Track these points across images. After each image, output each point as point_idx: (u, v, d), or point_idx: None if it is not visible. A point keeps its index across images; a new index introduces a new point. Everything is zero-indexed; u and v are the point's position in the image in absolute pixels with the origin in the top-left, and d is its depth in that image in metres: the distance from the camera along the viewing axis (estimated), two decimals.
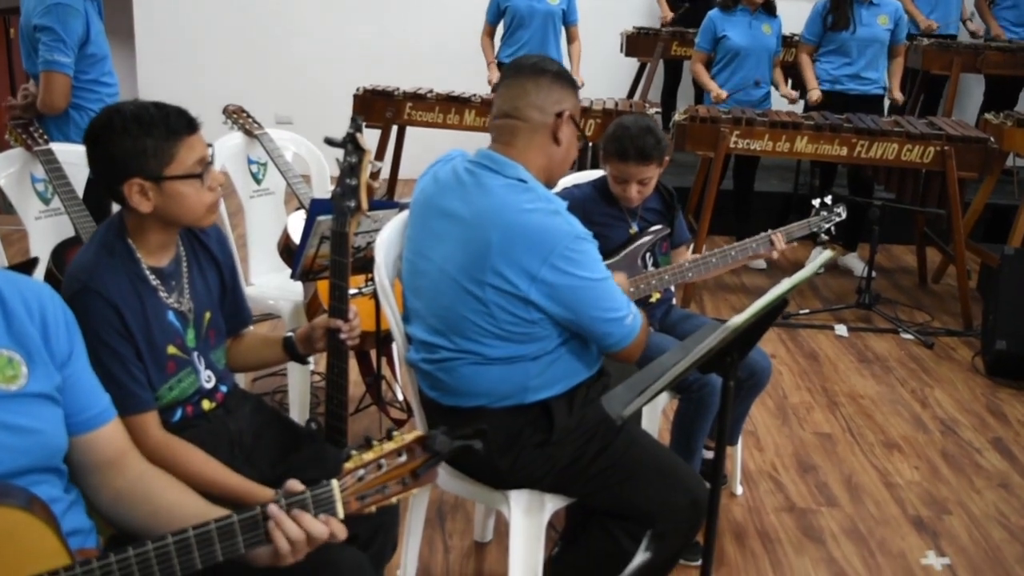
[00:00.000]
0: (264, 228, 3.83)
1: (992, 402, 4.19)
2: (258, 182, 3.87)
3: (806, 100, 5.70)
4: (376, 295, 2.75)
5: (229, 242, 2.30)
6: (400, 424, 3.50)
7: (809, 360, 4.55)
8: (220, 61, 7.62)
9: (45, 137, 3.27)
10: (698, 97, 6.86)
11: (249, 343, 2.38)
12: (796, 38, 6.03)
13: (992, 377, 4.42)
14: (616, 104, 5.18)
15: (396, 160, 5.95)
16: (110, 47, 3.93)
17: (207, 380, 2.13)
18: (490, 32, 6.00)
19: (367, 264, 2.85)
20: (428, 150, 3.39)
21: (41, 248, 3.23)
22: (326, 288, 3.28)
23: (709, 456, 3.36)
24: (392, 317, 2.47)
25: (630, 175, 2.93)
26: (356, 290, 3.08)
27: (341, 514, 1.58)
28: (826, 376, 4.38)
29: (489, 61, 6.00)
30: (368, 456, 1.60)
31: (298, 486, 1.59)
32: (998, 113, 5.26)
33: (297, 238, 3.21)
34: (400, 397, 3.79)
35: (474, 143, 2.41)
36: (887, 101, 5.82)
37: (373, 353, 3.45)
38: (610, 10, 7.46)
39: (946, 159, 4.81)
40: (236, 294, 2.29)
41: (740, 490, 3.38)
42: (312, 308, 3.42)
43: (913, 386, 4.32)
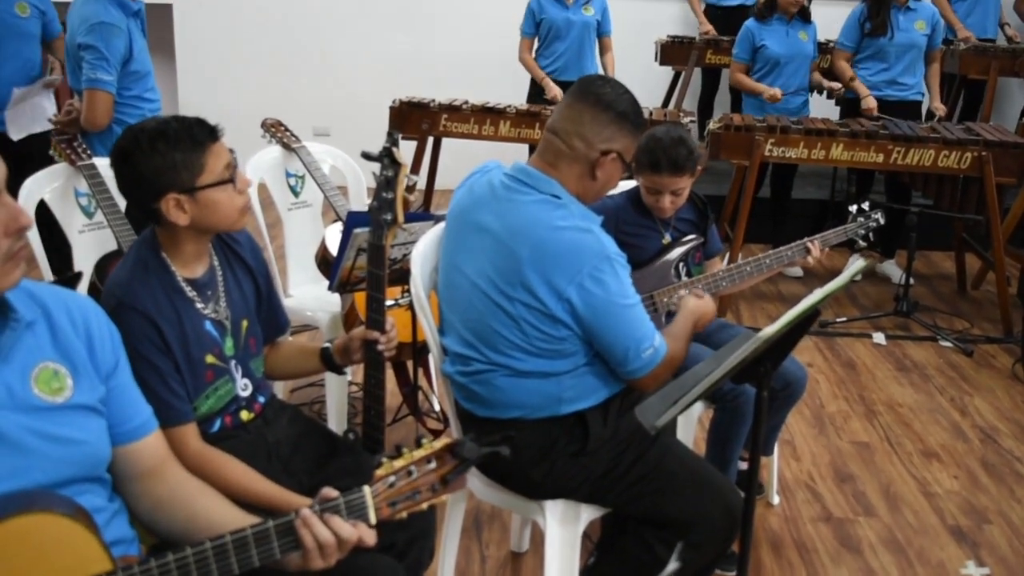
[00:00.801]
0: (302, 240, 3.88)
1: None
2: (296, 195, 3.92)
3: (844, 104, 5.68)
4: (412, 306, 2.79)
5: (261, 250, 2.33)
6: (437, 435, 3.53)
7: (846, 368, 4.53)
8: (259, 75, 7.71)
9: (88, 152, 3.34)
10: (735, 105, 6.85)
11: (286, 352, 2.42)
12: (831, 44, 6.00)
13: None
14: (651, 113, 5.18)
15: (432, 171, 6.00)
16: (153, 63, 4.01)
17: (243, 388, 2.16)
18: (529, 46, 5.99)
19: (403, 276, 2.89)
20: (464, 161, 3.43)
21: (84, 261, 3.29)
22: (363, 299, 3.33)
23: (744, 467, 3.37)
24: (428, 329, 2.50)
25: (663, 186, 2.94)
26: (392, 301, 3.12)
27: (373, 520, 1.60)
28: (863, 384, 4.35)
29: (541, 78, 5.95)
30: (399, 463, 1.62)
31: (332, 493, 1.62)
32: None
33: (334, 250, 3.25)
34: (436, 408, 3.82)
35: (509, 154, 2.44)
36: (925, 107, 5.79)
37: (409, 364, 3.49)
38: (645, 19, 7.47)
39: (983, 165, 4.77)
40: (272, 301, 2.33)
41: (777, 500, 3.38)
42: (349, 319, 3.46)
43: (952, 394, 4.28)
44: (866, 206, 3.37)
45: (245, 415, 2.17)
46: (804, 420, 3.99)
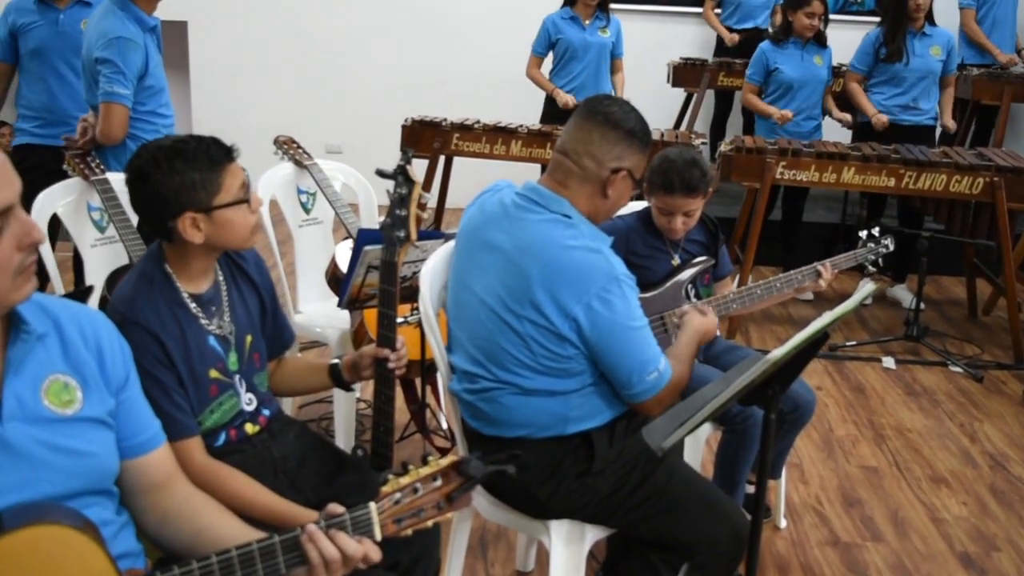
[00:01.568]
0: (312, 257, 3.89)
1: None
2: (307, 212, 3.94)
3: (856, 128, 5.69)
4: (421, 324, 2.79)
5: (267, 266, 2.34)
6: (444, 453, 3.52)
7: (856, 393, 4.51)
8: (272, 92, 7.77)
9: (102, 167, 3.36)
10: (747, 128, 6.87)
11: (294, 368, 2.43)
12: (844, 68, 6.01)
13: None
14: (662, 135, 5.20)
15: (443, 190, 6.02)
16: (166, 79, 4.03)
17: (248, 403, 2.17)
18: (537, 64, 6.02)
19: (413, 293, 2.89)
20: (475, 180, 3.44)
21: (96, 275, 3.31)
22: (372, 316, 3.34)
23: (752, 491, 3.36)
24: (436, 346, 2.51)
25: (675, 207, 2.94)
26: (402, 319, 3.13)
27: (379, 536, 1.61)
28: (873, 409, 4.34)
29: (551, 89, 5.97)
30: (404, 480, 1.63)
31: (338, 508, 1.63)
32: None
33: (344, 267, 3.26)
34: (444, 426, 3.82)
35: (521, 173, 2.46)
36: (939, 131, 5.79)
37: (418, 382, 3.49)
38: (659, 40, 7.51)
39: (995, 190, 4.77)
40: (277, 316, 2.34)
41: (784, 523, 3.36)
42: (358, 336, 3.46)
43: (962, 420, 4.27)
44: (876, 231, 3.37)
45: (250, 428, 2.18)
46: (813, 444, 3.98)
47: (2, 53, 4.41)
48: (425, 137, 5.36)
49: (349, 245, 3.47)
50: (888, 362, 4.86)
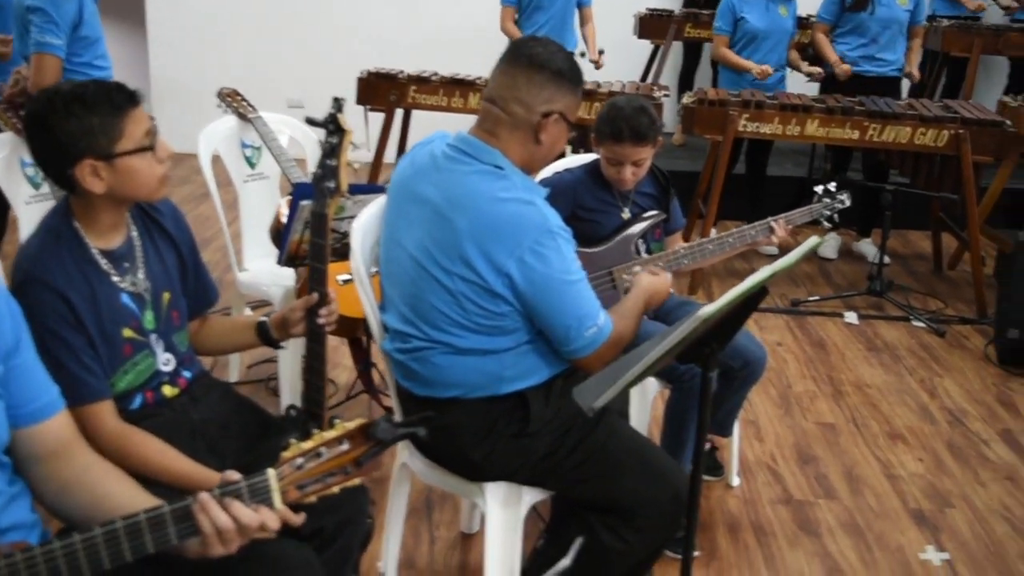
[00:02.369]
0: (258, 213, 3.78)
1: (1003, 392, 4.09)
2: (252, 166, 3.82)
3: (824, 80, 5.59)
4: None
5: (185, 219, 2.24)
6: (392, 412, 3.45)
7: (816, 348, 4.46)
8: (232, 46, 7.57)
9: None
10: (716, 80, 6.75)
11: (220, 327, 2.34)
12: (811, 19, 5.91)
13: (1004, 366, 4.31)
14: (623, 87, 5.09)
15: (402, 145, 5.88)
16: (121, 32, 3.89)
17: (165, 363, 2.08)
18: (511, 15, 5.85)
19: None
20: None
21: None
22: None
23: (705, 448, 3.30)
24: (368, 305, 2.42)
25: (625, 156, 2.85)
26: (348, 276, 3.04)
27: (278, 504, 1.53)
28: (833, 365, 4.29)
29: None
30: (307, 444, 1.55)
31: (234, 476, 1.55)
32: (1016, 96, 5.13)
33: None
34: None
35: None
36: (905, 83, 5.70)
37: (364, 340, 3.41)
38: None
39: (960, 143, 4.69)
40: (198, 272, 2.24)
41: (737, 481, 3.31)
42: (302, 294, 3.36)
43: (922, 375, 4.22)
44: (832, 186, 3.29)
45: (168, 390, 2.09)
46: (770, 400, 3.92)
47: None
48: (381, 90, 5.21)
49: None
50: (850, 317, 4.80)
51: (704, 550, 2.95)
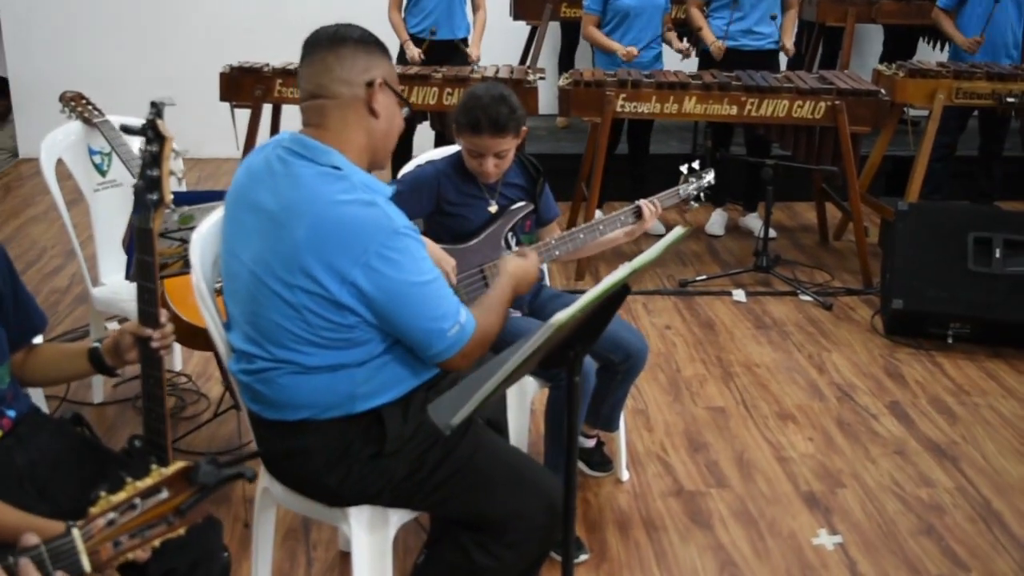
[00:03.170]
0: (112, 224, 3.54)
1: (890, 363, 4.08)
2: (102, 174, 3.59)
3: (701, 56, 5.52)
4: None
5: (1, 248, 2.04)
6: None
7: (705, 329, 4.39)
8: (95, 44, 7.19)
9: None
10: (595, 60, 6.65)
11: (49, 355, 2.14)
12: None
13: (891, 336, 4.30)
14: (496, 71, 4.94)
15: None
16: None
17: None
18: (398, 4, 5.65)
19: None
20: None
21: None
22: (173, 287, 3.04)
23: (589, 444, 3.20)
24: (211, 324, 2.24)
25: (485, 148, 2.72)
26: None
27: (87, 567, 1.36)
28: (722, 345, 4.22)
29: (404, 39, 5.62)
30: (118, 497, 1.38)
31: (32, 539, 1.37)
32: (890, 64, 5.14)
33: None
34: None
35: None
36: (783, 57, 5.67)
37: None
38: None
39: (837, 114, 4.67)
40: (19, 298, 2.05)
41: (626, 475, 3.21)
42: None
43: (810, 351, 4.18)
44: (696, 165, 3.21)
45: None
46: (659, 387, 3.84)
47: None
48: (246, 85, 4.96)
49: None
50: (738, 295, 4.75)
51: (594, 551, 2.85)
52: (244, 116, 5.05)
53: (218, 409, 3.41)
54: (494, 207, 2.86)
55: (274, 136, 2.22)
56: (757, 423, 3.58)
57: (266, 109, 5.14)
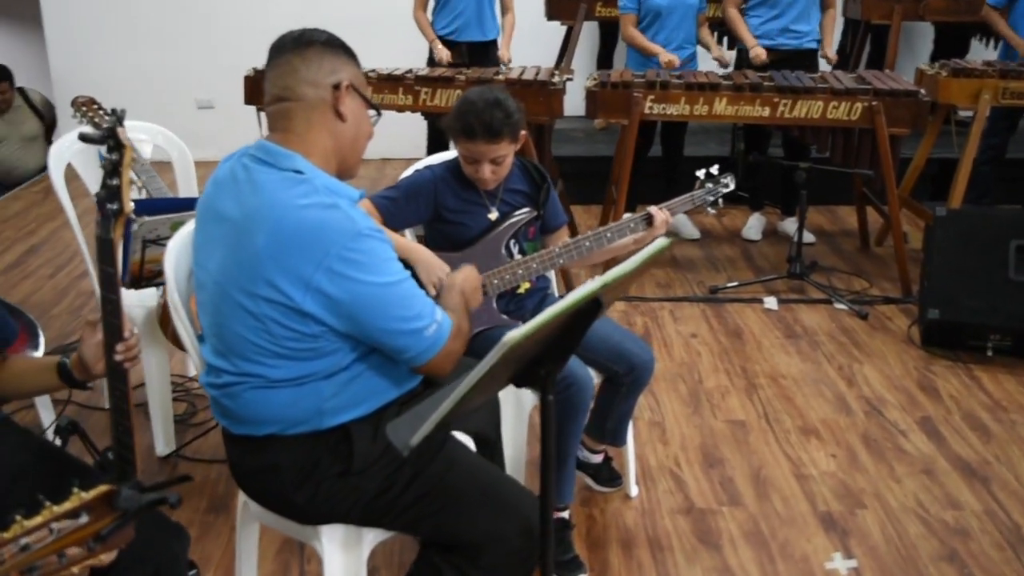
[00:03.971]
0: None
1: (924, 376, 3.91)
2: None
3: (738, 56, 5.38)
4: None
5: None
6: None
7: (732, 338, 4.25)
8: (136, 45, 7.23)
9: None
10: None
11: (16, 368, 2.10)
12: None
13: (927, 348, 4.13)
14: (522, 72, 4.84)
15: None
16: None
17: None
18: (422, 4, 5.59)
19: None
20: None
21: None
22: None
23: (596, 459, 3.09)
24: (185, 337, 2.18)
25: (480, 155, 2.63)
26: None
27: None
28: (748, 356, 4.08)
29: (431, 38, 5.57)
30: (33, 521, 1.32)
31: None
32: (933, 63, 4.95)
33: None
34: None
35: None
36: (822, 57, 5.50)
37: None
38: None
39: (874, 115, 4.50)
40: None
41: (635, 491, 3.10)
42: (165, 315, 3.15)
43: (841, 362, 4.03)
44: (715, 170, 3.08)
45: None
46: (679, 398, 3.72)
47: None
48: None
49: None
50: (770, 302, 4.60)
51: (594, 570, 2.74)
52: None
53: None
54: (494, 214, 2.77)
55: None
56: (778, 438, 3.44)
57: None
